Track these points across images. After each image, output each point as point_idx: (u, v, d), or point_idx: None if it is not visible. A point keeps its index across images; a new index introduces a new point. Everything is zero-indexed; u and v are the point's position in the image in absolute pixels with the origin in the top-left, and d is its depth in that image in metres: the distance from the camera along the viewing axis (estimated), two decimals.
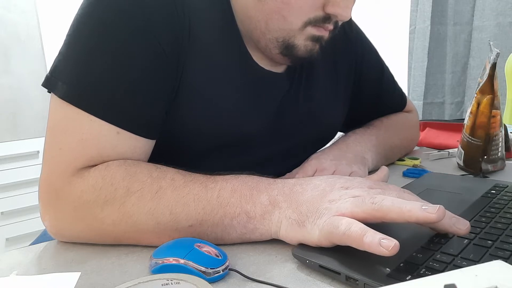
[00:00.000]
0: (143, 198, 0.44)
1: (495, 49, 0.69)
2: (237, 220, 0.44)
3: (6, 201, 1.98)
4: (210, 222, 0.44)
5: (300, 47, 0.57)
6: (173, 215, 0.44)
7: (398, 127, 0.84)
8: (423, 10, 2.07)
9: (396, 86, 0.90)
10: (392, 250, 0.35)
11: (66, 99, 0.47)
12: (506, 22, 1.86)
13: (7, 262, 0.46)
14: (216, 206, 0.44)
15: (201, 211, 0.44)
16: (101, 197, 0.45)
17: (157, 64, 0.50)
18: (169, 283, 0.33)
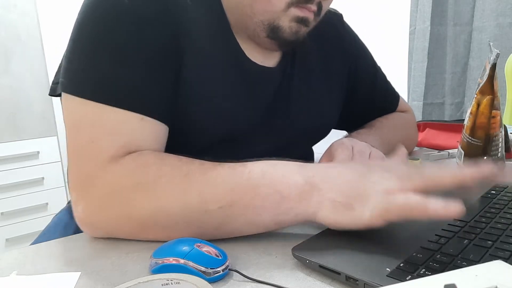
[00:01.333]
0: (173, 181, 0.45)
1: (495, 50, 0.69)
2: (269, 200, 0.43)
3: (6, 202, 1.98)
4: (240, 204, 0.44)
5: (285, 28, 0.58)
6: (201, 196, 0.44)
7: (398, 128, 0.85)
8: (423, 10, 2.07)
9: (388, 86, 0.91)
10: (459, 211, 0.35)
11: (87, 97, 0.48)
12: (506, 23, 1.86)
13: (7, 262, 0.46)
14: (246, 187, 0.44)
15: (230, 192, 0.44)
16: (134, 181, 0.46)
17: (160, 57, 0.52)
18: (169, 283, 0.33)
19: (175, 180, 0.45)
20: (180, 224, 0.45)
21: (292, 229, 0.51)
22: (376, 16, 2.59)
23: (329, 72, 0.75)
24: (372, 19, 2.61)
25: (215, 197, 0.44)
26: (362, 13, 2.67)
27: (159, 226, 0.46)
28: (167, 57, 0.53)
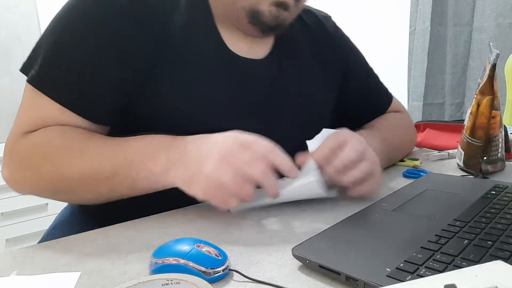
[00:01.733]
0: (71, 153, 0.54)
1: (495, 50, 0.69)
2: (142, 174, 0.53)
3: (6, 202, 1.98)
4: (121, 175, 0.53)
5: (265, 13, 0.61)
6: (93, 168, 0.53)
7: (397, 129, 0.85)
8: (423, 11, 2.07)
9: (381, 85, 0.91)
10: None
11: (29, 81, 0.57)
12: (506, 23, 1.86)
13: (7, 262, 0.46)
14: (124, 162, 0.53)
15: (113, 166, 0.53)
16: (40, 152, 0.55)
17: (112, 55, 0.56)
18: (169, 283, 0.33)
19: (72, 152, 0.54)
20: (80, 188, 0.55)
21: (292, 229, 0.51)
22: (376, 16, 2.59)
23: (321, 67, 0.76)
24: (372, 19, 2.61)
25: (103, 169, 0.53)
26: (362, 13, 2.67)
27: (64, 190, 0.56)
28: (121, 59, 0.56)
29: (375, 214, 0.51)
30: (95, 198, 0.57)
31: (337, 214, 0.56)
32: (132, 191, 0.55)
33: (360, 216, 0.51)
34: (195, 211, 0.60)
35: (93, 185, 0.54)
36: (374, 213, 0.51)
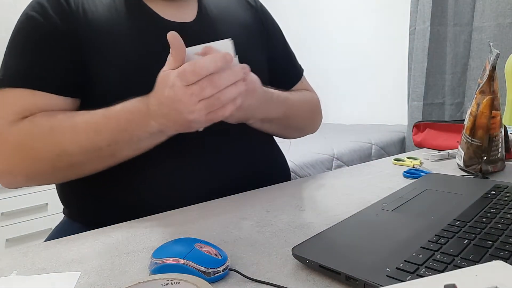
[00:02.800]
0: (65, 131, 0.59)
1: (495, 50, 0.69)
2: (143, 136, 0.59)
3: (6, 202, 1.98)
4: (122, 141, 0.59)
5: None
6: (90, 140, 0.58)
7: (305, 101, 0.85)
8: (423, 11, 2.07)
9: (294, 57, 0.92)
10: None
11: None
12: (506, 23, 1.86)
13: (7, 262, 0.46)
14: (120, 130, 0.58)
15: (112, 134, 0.58)
16: (34, 135, 0.59)
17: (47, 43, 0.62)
18: (169, 283, 0.33)
19: (66, 130, 0.59)
20: (82, 161, 0.60)
21: (292, 229, 0.51)
22: (376, 16, 2.59)
23: (247, 29, 0.78)
24: (372, 19, 2.61)
25: (102, 138, 0.58)
26: (362, 13, 2.67)
27: (64, 167, 0.60)
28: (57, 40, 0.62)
29: (375, 214, 0.51)
30: (100, 166, 0.62)
31: (337, 214, 0.56)
32: (136, 151, 0.61)
33: (360, 216, 0.51)
34: (195, 211, 0.60)
35: (96, 155, 0.59)
36: (374, 213, 0.51)
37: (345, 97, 2.83)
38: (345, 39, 2.78)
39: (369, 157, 1.97)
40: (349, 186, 0.70)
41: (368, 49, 2.65)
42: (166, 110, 0.56)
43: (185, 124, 0.56)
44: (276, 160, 0.78)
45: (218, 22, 0.74)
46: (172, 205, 0.61)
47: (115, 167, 0.63)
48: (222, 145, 0.67)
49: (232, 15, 0.78)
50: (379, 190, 0.66)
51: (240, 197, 0.66)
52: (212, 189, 0.66)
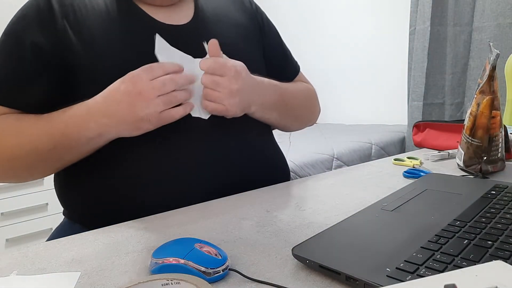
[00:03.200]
0: (11, 135, 0.60)
1: (495, 50, 0.69)
2: (81, 141, 0.60)
3: (6, 202, 1.98)
4: (61, 146, 0.60)
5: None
6: (33, 144, 0.60)
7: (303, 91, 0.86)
8: (423, 11, 2.07)
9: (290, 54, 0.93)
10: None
11: None
12: (506, 23, 1.86)
13: (7, 262, 0.46)
14: (59, 135, 0.59)
15: (51, 139, 0.59)
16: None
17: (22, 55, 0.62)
18: (169, 283, 0.33)
19: (11, 134, 0.60)
20: (31, 164, 0.61)
21: (292, 229, 0.51)
22: (376, 16, 2.59)
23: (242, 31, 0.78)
24: (372, 19, 2.61)
25: (43, 143, 0.60)
26: (362, 13, 2.67)
27: (19, 169, 0.63)
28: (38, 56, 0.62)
29: (375, 214, 0.51)
30: (49, 169, 0.65)
31: (337, 214, 0.56)
32: (79, 155, 0.63)
33: (360, 216, 0.51)
34: (195, 211, 0.60)
35: (41, 159, 0.61)
36: (374, 213, 0.51)
37: (345, 97, 2.83)
38: (345, 39, 2.78)
39: (369, 157, 1.97)
40: (349, 186, 0.70)
41: (368, 49, 2.66)
42: (114, 107, 0.57)
43: (133, 123, 0.57)
44: (276, 160, 0.78)
45: (214, 24, 0.74)
46: (172, 206, 0.61)
47: (113, 170, 0.63)
48: (221, 146, 0.67)
49: (228, 16, 0.78)
50: (379, 190, 0.66)
51: (240, 197, 0.66)
52: (212, 189, 0.66)
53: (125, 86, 0.57)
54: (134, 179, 0.63)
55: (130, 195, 0.63)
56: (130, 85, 0.57)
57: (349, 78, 2.80)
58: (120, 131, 0.59)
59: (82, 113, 0.59)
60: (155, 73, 0.57)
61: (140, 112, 0.57)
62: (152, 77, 0.57)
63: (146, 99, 0.56)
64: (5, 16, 0.69)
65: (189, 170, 0.64)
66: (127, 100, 0.57)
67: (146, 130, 0.59)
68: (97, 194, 0.64)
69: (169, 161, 0.63)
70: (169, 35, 0.67)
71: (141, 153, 0.63)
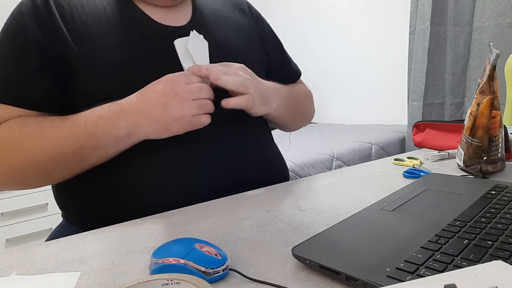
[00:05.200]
0: (34, 138, 0.59)
1: (495, 50, 0.69)
2: (109, 142, 0.59)
3: (6, 202, 1.98)
4: (88, 147, 0.59)
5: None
6: (58, 146, 0.58)
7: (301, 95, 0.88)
8: (423, 11, 2.07)
9: (290, 59, 0.94)
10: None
11: None
12: (506, 23, 1.86)
13: (7, 262, 0.46)
14: (87, 135, 0.58)
15: (78, 140, 0.58)
16: (3, 143, 0.59)
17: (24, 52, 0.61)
18: (169, 283, 0.33)
19: (34, 136, 0.59)
20: (50, 168, 0.60)
21: (292, 229, 0.51)
22: (376, 16, 2.59)
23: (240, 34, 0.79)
24: (372, 19, 2.61)
25: (68, 145, 0.58)
26: (362, 13, 2.67)
27: (36, 174, 0.60)
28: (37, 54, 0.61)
29: (375, 214, 0.51)
30: (67, 174, 0.63)
31: (337, 214, 0.56)
32: (102, 158, 0.61)
33: (360, 216, 0.51)
34: (195, 211, 0.60)
35: (62, 162, 0.60)
36: (374, 213, 0.51)
37: (345, 97, 2.83)
38: (345, 39, 2.78)
39: (369, 157, 1.97)
40: (349, 186, 0.70)
41: (368, 49, 2.66)
42: (148, 107, 0.58)
43: (166, 124, 0.58)
44: (275, 162, 0.78)
45: (212, 25, 0.74)
46: (172, 207, 0.61)
47: (112, 172, 0.63)
48: (221, 147, 0.67)
49: (226, 17, 0.78)
50: (379, 190, 0.66)
51: (240, 197, 0.66)
52: (212, 189, 0.66)
53: (163, 85, 0.58)
54: (133, 181, 0.63)
55: (129, 197, 0.63)
56: (168, 85, 0.58)
57: (349, 78, 2.80)
58: (149, 132, 0.59)
59: (114, 112, 0.59)
60: (192, 79, 0.59)
61: (175, 112, 0.57)
62: (189, 81, 0.59)
63: (182, 100, 0.57)
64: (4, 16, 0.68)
65: (189, 171, 0.64)
66: (163, 100, 0.57)
67: (175, 133, 0.59)
68: (95, 196, 0.64)
69: (169, 162, 0.63)
70: (168, 36, 0.67)
71: (140, 155, 0.63)
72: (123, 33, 0.65)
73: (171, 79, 0.59)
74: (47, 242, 0.52)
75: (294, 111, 0.81)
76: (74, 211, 0.68)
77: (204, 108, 0.59)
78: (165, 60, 0.66)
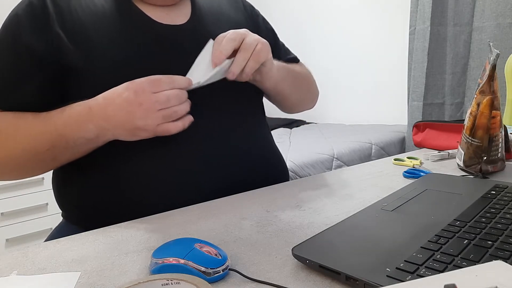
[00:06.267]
0: (8, 135, 0.61)
1: (495, 50, 0.69)
2: (79, 142, 0.60)
3: (6, 202, 1.98)
4: (60, 146, 0.60)
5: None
6: (31, 144, 0.60)
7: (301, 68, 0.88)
8: (423, 11, 2.07)
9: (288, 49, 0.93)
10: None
11: None
12: (505, 23, 1.86)
13: (7, 262, 0.46)
14: (57, 135, 0.59)
15: (50, 139, 0.59)
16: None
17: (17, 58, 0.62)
18: (169, 283, 0.33)
19: (9, 134, 0.61)
20: (26, 163, 0.62)
21: (292, 229, 0.51)
22: (376, 16, 2.59)
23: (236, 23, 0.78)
24: (372, 19, 2.61)
25: (41, 143, 0.60)
26: (362, 14, 2.67)
27: (14, 169, 0.63)
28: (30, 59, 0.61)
29: (375, 214, 0.51)
30: (44, 169, 0.65)
31: (337, 214, 0.56)
32: (75, 155, 0.63)
33: (360, 216, 0.51)
34: (195, 211, 0.60)
35: (37, 159, 0.61)
36: (374, 213, 0.51)
37: (345, 97, 2.83)
38: (345, 39, 2.78)
39: (369, 157, 1.97)
40: (349, 186, 0.70)
41: (368, 49, 2.65)
42: (113, 112, 0.57)
43: (130, 130, 0.58)
44: (274, 161, 0.78)
45: (212, 23, 0.74)
46: (172, 206, 0.61)
47: (111, 172, 0.63)
48: (220, 147, 0.67)
49: (224, 14, 0.78)
50: (379, 190, 0.66)
51: (240, 197, 0.66)
52: (212, 189, 0.66)
53: (127, 94, 0.57)
54: (133, 181, 0.63)
55: (128, 197, 0.63)
56: (132, 94, 0.57)
57: (349, 78, 2.80)
58: (117, 135, 0.59)
59: (82, 113, 0.59)
60: (161, 87, 0.57)
61: (138, 121, 0.57)
62: (156, 90, 0.57)
63: (146, 111, 0.56)
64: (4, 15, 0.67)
65: (188, 170, 0.64)
66: (127, 108, 0.57)
67: (142, 138, 0.59)
68: (95, 196, 0.64)
69: (168, 162, 0.63)
70: (168, 35, 0.66)
71: (140, 154, 0.63)
72: (123, 32, 0.65)
73: (135, 88, 0.57)
74: (47, 242, 0.52)
75: (292, 86, 0.81)
76: (73, 210, 0.68)
77: (171, 117, 0.58)
78: (165, 59, 0.66)
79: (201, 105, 0.66)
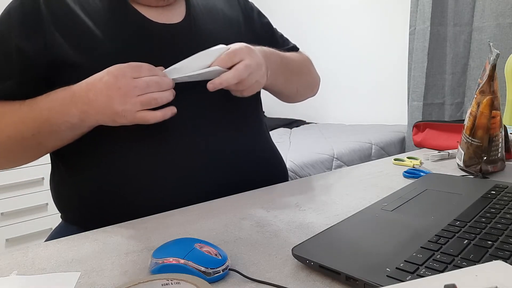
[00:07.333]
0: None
1: (495, 50, 0.69)
2: (64, 126, 0.60)
3: (6, 202, 1.98)
4: (45, 131, 0.60)
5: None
6: (17, 129, 0.61)
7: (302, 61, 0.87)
8: (423, 11, 2.07)
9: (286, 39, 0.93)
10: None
11: None
12: (505, 23, 1.86)
13: (7, 262, 0.46)
14: (42, 120, 0.60)
15: (35, 125, 0.60)
16: None
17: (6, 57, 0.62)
18: (169, 283, 0.33)
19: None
20: (13, 149, 0.62)
21: (292, 229, 0.51)
22: (376, 16, 2.59)
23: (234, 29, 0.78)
24: (372, 19, 2.61)
25: (27, 128, 0.60)
26: (362, 14, 2.67)
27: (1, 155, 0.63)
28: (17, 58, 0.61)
29: (375, 214, 0.51)
30: (29, 156, 0.65)
31: (337, 214, 0.56)
32: (62, 141, 0.63)
33: (360, 216, 0.51)
34: (195, 211, 0.60)
35: (23, 144, 0.62)
36: (374, 213, 0.51)
37: (345, 97, 2.83)
38: (345, 39, 2.78)
39: (369, 157, 1.97)
40: (349, 186, 0.70)
41: (368, 49, 2.65)
42: (94, 97, 0.57)
43: (110, 115, 0.57)
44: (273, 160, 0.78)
45: (207, 21, 0.74)
46: (172, 207, 0.61)
47: (110, 172, 0.63)
48: (219, 146, 0.67)
49: (219, 12, 0.78)
50: (379, 190, 0.66)
51: (240, 197, 0.66)
52: (211, 189, 0.66)
53: (107, 78, 0.57)
54: (132, 181, 0.63)
55: (127, 197, 0.63)
56: (112, 78, 0.56)
57: (349, 78, 2.80)
58: (99, 120, 0.59)
59: (66, 98, 0.59)
60: (141, 73, 0.57)
61: (116, 106, 0.56)
62: (137, 75, 0.57)
63: (124, 95, 0.56)
64: None
65: (188, 171, 0.64)
66: (106, 92, 0.56)
67: (121, 124, 0.59)
68: (94, 196, 0.64)
69: (168, 162, 0.63)
70: (164, 34, 0.66)
71: (139, 154, 0.63)
72: (118, 31, 0.65)
73: (115, 72, 0.57)
74: (47, 242, 0.52)
75: (288, 77, 0.80)
76: (72, 211, 0.68)
77: (150, 104, 0.57)
78: (160, 56, 0.65)
79: (200, 105, 0.66)
